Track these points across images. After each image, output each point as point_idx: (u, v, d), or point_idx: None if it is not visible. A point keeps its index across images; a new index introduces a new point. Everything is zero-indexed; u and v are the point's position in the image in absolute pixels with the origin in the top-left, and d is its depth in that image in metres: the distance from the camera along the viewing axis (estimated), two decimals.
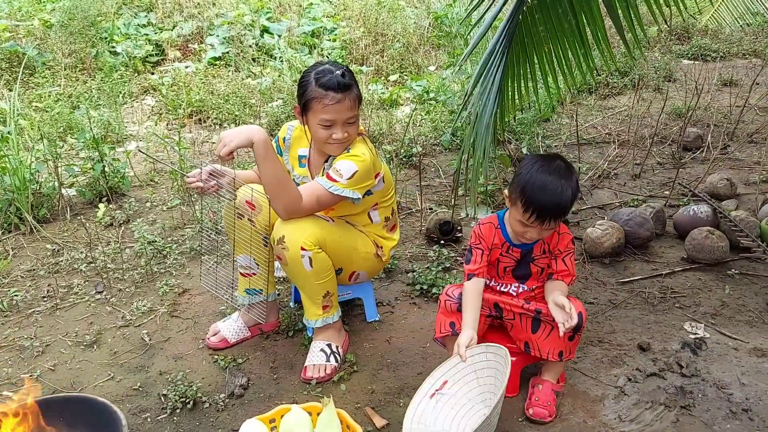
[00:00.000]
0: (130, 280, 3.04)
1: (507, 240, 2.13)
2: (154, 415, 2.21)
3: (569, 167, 2.01)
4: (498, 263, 2.16)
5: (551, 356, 2.10)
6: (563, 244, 2.10)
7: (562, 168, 1.98)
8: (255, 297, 2.51)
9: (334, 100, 2.19)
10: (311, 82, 2.22)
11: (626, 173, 4.09)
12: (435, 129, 4.77)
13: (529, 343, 2.14)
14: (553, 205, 1.94)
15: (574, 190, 1.98)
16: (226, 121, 5.19)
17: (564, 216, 2.02)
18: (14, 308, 2.87)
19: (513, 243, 2.12)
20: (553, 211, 1.95)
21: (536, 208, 1.93)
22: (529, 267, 2.13)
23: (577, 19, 2.25)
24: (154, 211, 3.76)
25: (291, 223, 2.22)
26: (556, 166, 1.98)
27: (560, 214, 1.98)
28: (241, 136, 2.11)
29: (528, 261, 2.13)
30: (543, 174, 1.95)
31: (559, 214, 1.98)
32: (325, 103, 2.19)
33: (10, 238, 3.48)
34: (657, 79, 5.84)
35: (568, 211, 2.01)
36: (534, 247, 2.11)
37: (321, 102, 2.19)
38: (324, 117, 2.20)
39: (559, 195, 1.94)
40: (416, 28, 7.12)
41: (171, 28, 7.09)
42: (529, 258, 2.13)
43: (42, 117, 4.82)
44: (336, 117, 2.21)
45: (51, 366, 2.48)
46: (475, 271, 2.11)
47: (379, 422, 2.11)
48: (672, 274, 2.93)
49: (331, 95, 2.18)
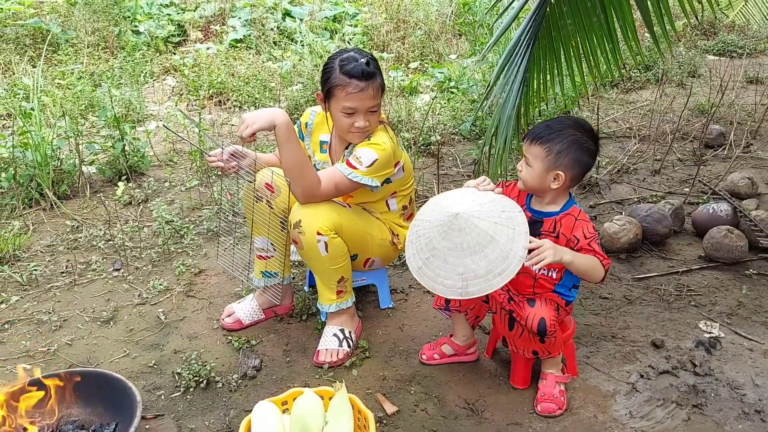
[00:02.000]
0: (148, 259, 3.07)
1: (527, 203, 2.12)
2: (167, 392, 2.24)
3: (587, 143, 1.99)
4: None
5: (526, 353, 2.10)
6: (580, 230, 2.01)
7: (580, 133, 1.99)
8: (271, 279, 2.53)
9: (357, 89, 2.18)
10: (335, 69, 2.22)
11: (646, 169, 4.05)
12: (454, 118, 4.75)
13: (507, 338, 2.14)
14: (538, 127, 1.99)
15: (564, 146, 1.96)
16: (245, 104, 5.20)
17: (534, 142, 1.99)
18: (33, 282, 2.91)
19: (529, 206, 2.11)
20: (532, 130, 2.00)
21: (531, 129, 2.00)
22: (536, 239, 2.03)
23: (606, 13, 2.23)
24: (172, 191, 3.79)
25: (308, 208, 2.23)
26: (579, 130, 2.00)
27: (533, 137, 1.99)
28: (264, 118, 2.11)
29: (536, 231, 2.04)
30: (566, 119, 2.02)
31: (532, 137, 1.99)
32: (348, 91, 2.19)
33: (31, 213, 3.53)
34: (681, 74, 5.76)
35: (539, 140, 1.98)
36: (545, 220, 2.06)
37: (344, 90, 2.19)
38: (346, 105, 2.20)
39: (550, 124, 1.99)
40: (438, 16, 7.08)
41: (193, 8, 7.11)
42: (537, 227, 2.06)
43: (65, 94, 4.86)
44: (358, 105, 2.21)
45: (68, 341, 2.52)
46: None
47: (389, 409, 2.12)
48: (689, 272, 2.91)
49: (355, 83, 2.18)
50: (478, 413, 2.11)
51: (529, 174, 2.02)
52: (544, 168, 1.98)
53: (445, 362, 2.33)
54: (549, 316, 1.98)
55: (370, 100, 2.22)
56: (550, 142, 1.97)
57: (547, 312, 1.99)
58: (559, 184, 2.00)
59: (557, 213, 2.06)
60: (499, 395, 2.19)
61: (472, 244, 1.88)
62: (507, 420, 2.08)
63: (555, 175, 1.99)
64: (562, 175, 1.98)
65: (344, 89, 2.19)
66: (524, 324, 2.00)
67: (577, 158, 1.98)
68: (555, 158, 1.97)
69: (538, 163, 1.99)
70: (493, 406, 2.14)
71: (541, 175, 2.00)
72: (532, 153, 2.00)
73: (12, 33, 5.99)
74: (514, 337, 2.09)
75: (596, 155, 2.05)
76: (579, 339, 2.43)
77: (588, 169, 2.06)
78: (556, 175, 1.99)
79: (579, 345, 2.40)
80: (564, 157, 1.97)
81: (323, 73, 2.27)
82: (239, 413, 2.12)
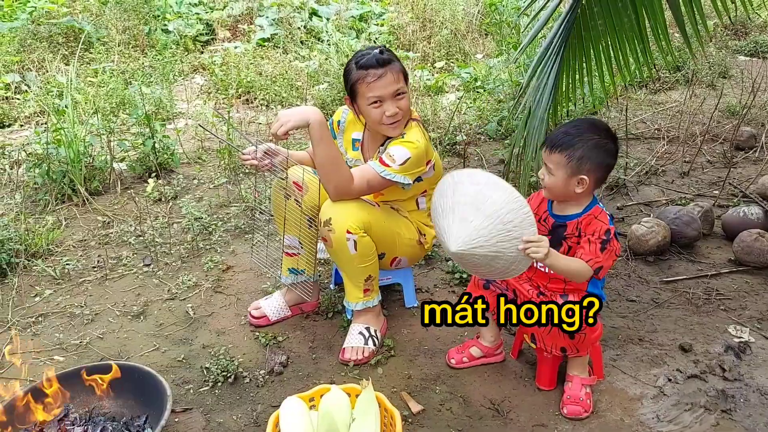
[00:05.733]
0: (177, 255, 3.12)
1: (548, 209, 2.12)
2: (196, 386, 2.28)
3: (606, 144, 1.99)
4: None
5: (554, 350, 2.09)
6: (591, 228, 2.01)
7: (599, 135, 1.98)
8: (298, 277, 2.56)
9: (375, 76, 2.21)
10: (353, 68, 2.26)
11: (675, 170, 4.00)
12: (480, 117, 4.74)
13: (535, 335, 2.13)
14: (556, 133, 1.98)
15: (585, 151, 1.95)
16: (272, 102, 5.24)
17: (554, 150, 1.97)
18: (66, 276, 2.97)
19: (551, 212, 2.11)
20: (551, 138, 1.98)
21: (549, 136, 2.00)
22: (561, 244, 2.07)
23: (637, 13, 2.21)
24: (201, 189, 3.84)
25: (338, 206, 2.25)
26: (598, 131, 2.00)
27: (553, 145, 1.98)
28: (298, 117, 2.14)
29: (560, 236, 2.07)
30: (582, 122, 2.03)
31: (551, 144, 1.98)
32: (368, 81, 2.21)
33: (64, 209, 3.60)
34: (711, 75, 5.68)
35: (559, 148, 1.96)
36: (568, 224, 2.06)
37: (364, 81, 2.22)
38: (370, 95, 2.22)
39: (568, 129, 1.98)
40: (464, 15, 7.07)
41: (222, 7, 7.18)
42: (561, 233, 2.07)
43: (97, 92, 4.95)
44: (382, 92, 2.22)
45: (100, 334, 2.57)
46: None
47: (415, 407, 2.13)
48: (718, 276, 2.87)
49: (372, 72, 2.21)
50: (504, 414, 2.11)
51: (553, 182, 2.02)
52: (567, 175, 1.98)
53: (474, 365, 2.34)
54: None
55: (392, 84, 2.23)
56: (570, 148, 1.96)
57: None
58: (583, 188, 2.00)
59: (579, 215, 2.06)
60: (525, 396, 2.19)
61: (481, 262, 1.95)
62: (532, 421, 2.08)
63: (579, 180, 1.99)
64: (586, 179, 1.98)
65: (364, 81, 2.22)
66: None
67: (598, 160, 1.98)
68: (577, 164, 1.96)
69: (561, 170, 1.98)
70: (518, 407, 2.14)
71: (565, 182, 2.00)
72: (554, 161, 1.99)
73: (45, 31, 6.11)
74: (543, 333, 2.09)
75: (617, 154, 2.04)
76: (606, 341, 2.42)
77: (610, 170, 2.06)
78: (580, 180, 1.99)
79: (606, 347, 2.39)
80: (586, 162, 1.97)
81: (344, 77, 2.31)
82: (266, 408, 2.15)
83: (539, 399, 2.17)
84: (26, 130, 4.87)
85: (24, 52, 5.84)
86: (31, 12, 6.27)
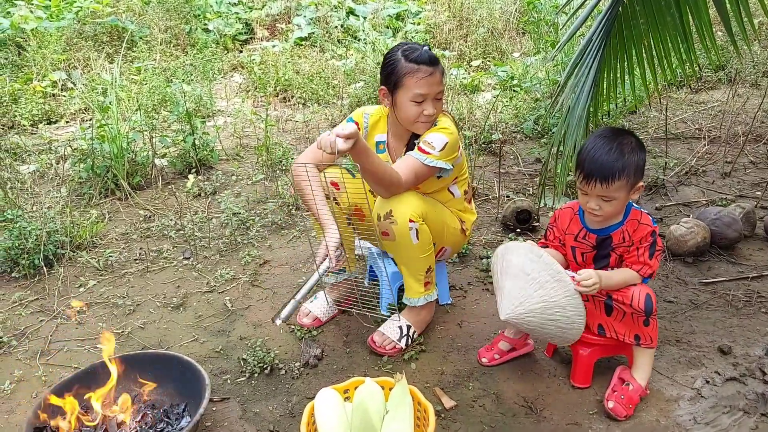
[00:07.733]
0: (215, 249, 3.18)
1: (584, 225, 2.12)
2: (233, 377, 2.32)
3: (635, 142, 1.98)
4: (574, 250, 2.15)
5: (627, 338, 2.07)
6: (638, 235, 2.04)
7: (626, 140, 1.97)
8: (340, 275, 2.59)
9: (426, 73, 2.21)
10: (400, 59, 2.24)
11: (715, 171, 3.93)
12: (516, 116, 4.72)
13: (604, 325, 2.12)
14: (599, 165, 1.93)
15: (632, 162, 1.94)
16: (309, 101, 5.30)
17: (612, 180, 1.94)
18: (109, 268, 3.06)
19: (589, 228, 2.11)
20: (598, 171, 1.94)
21: (584, 167, 1.96)
22: (609, 255, 2.10)
23: (680, 11, 2.18)
24: (239, 184, 3.91)
25: (395, 198, 2.24)
26: (620, 137, 1.98)
27: (606, 176, 1.94)
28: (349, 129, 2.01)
29: (607, 248, 2.09)
30: (601, 139, 1.98)
31: (605, 177, 1.94)
32: (418, 77, 2.21)
33: (107, 203, 3.71)
34: (755, 74, 5.55)
35: (616, 175, 1.94)
36: (613, 235, 2.07)
37: (414, 76, 2.21)
38: (417, 92, 2.22)
39: (607, 154, 1.93)
40: (502, 14, 7.03)
41: (260, 7, 7.28)
42: (608, 245, 2.09)
43: (139, 89, 5.07)
44: (428, 90, 2.23)
45: (141, 324, 2.64)
46: (546, 245, 2.21)
47: (447, 403, 2.15)
48: (759, 278, 2.81)
49: (424, 68, 2.21)
50: (537, 412, 2.11)
51: (613, 207, 2.01)
52: (628, 191, 2.00)
53: (505, 360, 2.34)
54: (653, 294, 2.01)
55: (437, 85, 2.25)
56: (625, 169, 1.95)
57: (649, 290, 2.02)
58: (641, 192, 2.04)
59: (622, 223, 2.07)
60: (559, 394, 2.18)
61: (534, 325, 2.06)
62: (566, 420, 2.07)
63: (637, 188, 2.01)
64: (642, 183, 2.02)
65: (414, 75, 2.21)
66: (630, 303, 2.00)
67: (638, 162, 1.98)
68: (633, 178, 1.98)
69: (622, 192, 1.98)
70: (552, 405, 2.14)
71: (626, 199, 2.02)
72: (614, 189, 1.96)
73: (91, 30, 6.28)
74: (614, 321, 2.09)
75: (643, 144, 2.03)
76: None
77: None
78: (638, 188, 2.02)
79: None
80: (632, 170, 1.97)
81: (385, 67, 2.28)
82: (301, 399, 2.19)
83: (573, 397, 2.16)
84: (72, 126, 5.03)
85: (70, 50, 6.02)
86: (77, 12, 6.46)
